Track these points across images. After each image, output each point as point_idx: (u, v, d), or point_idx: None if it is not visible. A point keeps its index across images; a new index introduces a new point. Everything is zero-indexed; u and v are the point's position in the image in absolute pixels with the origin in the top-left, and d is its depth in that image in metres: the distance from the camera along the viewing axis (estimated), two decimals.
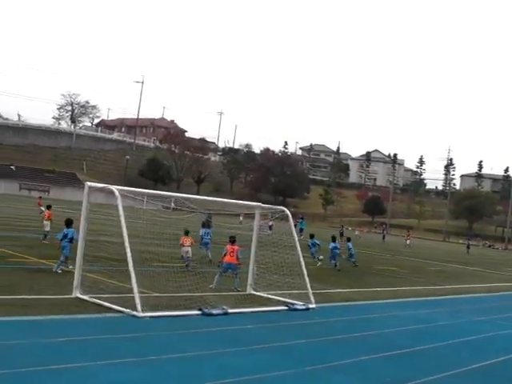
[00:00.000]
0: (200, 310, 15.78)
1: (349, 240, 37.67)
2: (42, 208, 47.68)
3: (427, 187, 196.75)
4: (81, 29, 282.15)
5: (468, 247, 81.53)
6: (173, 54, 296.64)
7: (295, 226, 25.59)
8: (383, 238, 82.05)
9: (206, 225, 36.79)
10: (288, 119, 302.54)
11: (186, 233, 25.69)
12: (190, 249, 24.80)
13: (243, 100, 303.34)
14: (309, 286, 19.20)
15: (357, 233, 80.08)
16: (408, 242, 76.87)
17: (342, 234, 67.88)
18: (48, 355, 10.64)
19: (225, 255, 20.36)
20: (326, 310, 18.91)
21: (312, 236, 35.12)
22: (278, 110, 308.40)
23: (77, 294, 16.02)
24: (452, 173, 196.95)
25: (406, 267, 40.44)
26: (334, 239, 33.25)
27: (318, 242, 34.34)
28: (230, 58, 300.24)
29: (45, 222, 29.87)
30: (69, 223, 21.05)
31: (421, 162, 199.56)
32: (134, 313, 14.41)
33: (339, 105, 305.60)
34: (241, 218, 47.59)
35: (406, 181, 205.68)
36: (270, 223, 29.07)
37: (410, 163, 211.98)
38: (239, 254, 20.34)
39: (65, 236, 20.63)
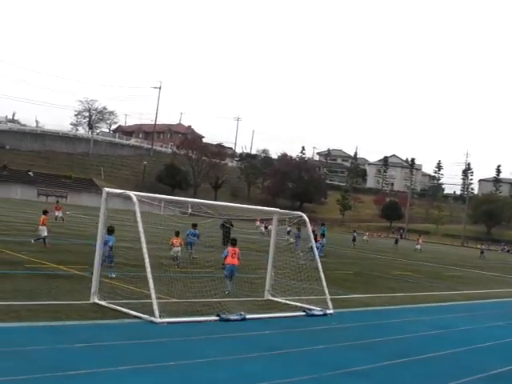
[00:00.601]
0: (218, 315, 15.76)
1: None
2: (57, 213, 47.95)
3: (445, 192, 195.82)
4: (98, 35, 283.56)
5: (482, 252, 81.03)
6: (190, 60, 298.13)
7: (313, 231, 25.50)
8: (396, 242, 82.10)
9: (225, 230, 36.91)
10: (305, 124, 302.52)
11: (177, 233, 26.25)
12: (179, 249, 25.50)
13: (260, 105, 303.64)
14: (326, 291, 19.13)
15: (365, 237, 79.80)
16: (418, 246, 76.91)
17: (354, 239, 68.02)
18: (67, 361, 10.66)
19: (226, 257, 20.15)
20: (344, 316, 18.85)
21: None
22: (295, 115, 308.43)
23: (95, 299, 16.05)
24: (470, 177, 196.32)
25: (422, 272, 40.29)
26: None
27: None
28: (247, 63, 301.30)
29: (40, 227, 29.26)
30: (110, 230, 21.18)
31: (438, 166, 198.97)
32: (152, 319, 14.41)
33: (356, 110, 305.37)
34: (258, 224, 47.61)
35: (423, 186, 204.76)
36: (288, 229, 29.12)
37: (428, 168, 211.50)
38: (239, 256, 20.25)
39: (105, 243, 20.28)
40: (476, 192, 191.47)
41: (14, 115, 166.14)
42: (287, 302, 19.38)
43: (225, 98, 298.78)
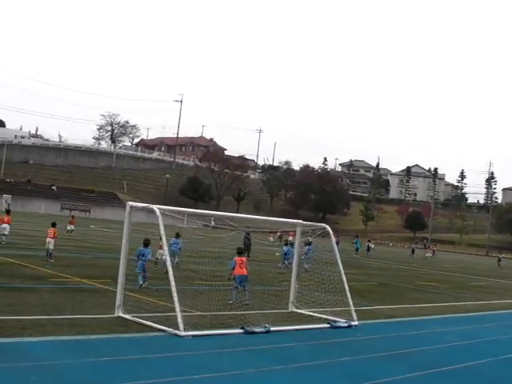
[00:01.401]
0: (242, 328, 15.72)
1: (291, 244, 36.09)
2: (69, 227, 47.93)
3: (469, 201, 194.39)
4: (120, 50, 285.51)
5: (499, 260, 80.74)
6: (211, 73, 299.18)
7: (337, 243, 25.39)
8: (412, 252, 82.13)
9: (246, 242, 36.92)
10: (327, 135, 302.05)
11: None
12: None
13: (282, 117, 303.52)
14: (351, 302, 19.03)
15: (371, 246, 78.79)
16: (427, 254, 78.96)
17: (368, 249, 67.88)
18: (92, 374, 10.69)
19: (234, 268, 20.05)
20: (369, 327, 18.74)
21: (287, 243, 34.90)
22: (316, 126, 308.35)
23: (119, 313, 16.06)
24: (494, 186, 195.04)
25: (447, 282, 40.03)
26: (286, 244, 33.39)
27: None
28: (269, 75, 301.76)
29: (49, 240, 28.39)
30: (146, 244, 21.93)
31: (462, 176, 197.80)
32: (177, 332, 14.38)
33: (378, 120, 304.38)
34: (270, 239, 47.44)
35: (446, 195, 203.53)
36: (310, 240, 29.01)
37: (451, 177, 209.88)
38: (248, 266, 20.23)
39: (142, 255, 21.44)
40: (500, 201, 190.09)
41: (37, 130, 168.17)
42: (311, 313, 19.29)
43: (246, 111, 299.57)
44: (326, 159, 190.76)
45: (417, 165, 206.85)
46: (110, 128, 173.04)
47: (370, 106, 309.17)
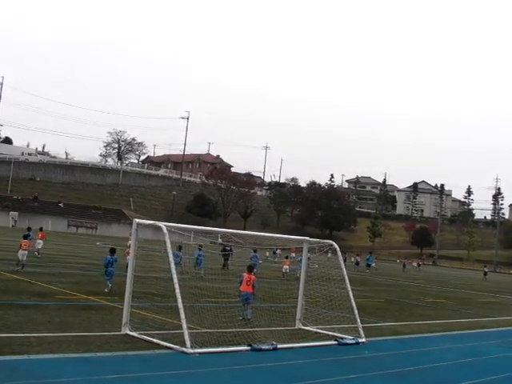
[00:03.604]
0: (249, 345, 15.67)
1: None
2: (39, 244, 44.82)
3: (476, 217, 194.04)
4: (125, 67, 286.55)
5: (485, 274, 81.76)
6: (217, 90, 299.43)
7: (344, 260, 25.30)
8: (404, 266, 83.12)
9: (225, 255, 37.06)
10: (333, 152, 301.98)
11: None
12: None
13: (288, 134, 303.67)
14: (358, 319, 18.97)
15: (352, 259, 77.94)
16: (413, 264, 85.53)
17: (357, 263, 68.00)
18: None
19: (241, 283, 20.18)
20: (377, 344, 18.65)
21: (200, 247, 34.76)
22: (323, 143, 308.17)
23: (126, 330, 16.03)
24: (501, 202, 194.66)
25: (455, 299, 39.90)
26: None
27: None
28: (273, 91, 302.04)
29: (23, 252, 29.14)
30: (113, 251, 25.37)
31: (468, 192, 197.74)
32: (184, 349, 14.35)
33: (384, 137, 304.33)
34: (267, 254, 47.26)
35: (453, 211, 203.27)
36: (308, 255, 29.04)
37: (458, 193, 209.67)
38: (256, 284, 20.19)
39: (110, 263, 24.64)
40: (507, 217, 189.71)
41: (44, 147, 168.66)
42: (319, 330, 19.21)
43: (253, 128, 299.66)
44: (332, 176, 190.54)
45: (423, 181, 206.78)
46: (116, 145, 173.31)
47: (375, 122, 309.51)
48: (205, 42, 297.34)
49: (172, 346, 14.69)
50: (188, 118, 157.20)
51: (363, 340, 18.40)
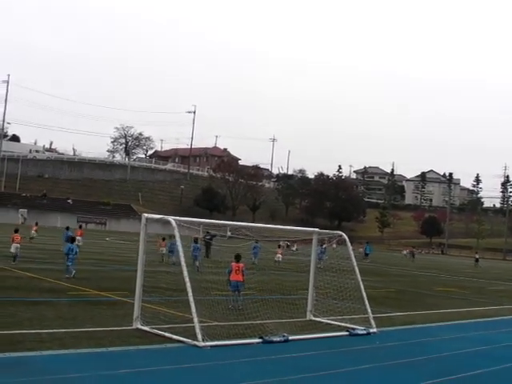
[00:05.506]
0: (261, 337, 15.65)
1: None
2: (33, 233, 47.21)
3: (484, 206, 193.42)
4: (132, 62, 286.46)
5: (476, 260, 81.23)
6: (223, 83, 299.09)
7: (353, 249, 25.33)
8: (412, 256, 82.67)
9: (207, 243, 37.43)
10: (340, 143, 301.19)
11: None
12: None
13: (295, 125, 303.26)
14: (369, 310, 18.94)
15: (360, 250, 77.93)
16: (404, 252, 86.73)
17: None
18: None
19: (230, 273, 20.44)
20: (388, 334, 18.62)
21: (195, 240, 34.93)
22: (330, 134, 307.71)
23: (137, 325, 16.04)
24: (509, 190, 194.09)
25: (465, 288, 39.81)
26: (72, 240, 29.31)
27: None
28: (279, 82, 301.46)
29: (16, 245, 30.41)
30: (73, 240, 28.52)
31: (477, 180, 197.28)
32: (195, 342, 14.34)
33: (392, 126, 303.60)
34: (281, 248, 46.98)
35: (462, 200, 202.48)
36: (324, 246, 29.00)
37: (466, 182, 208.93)
38: (244, 272, 20.52)
39: (72, 250, 26.52)
40: None
41: (51, 144, 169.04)
42: (330, 321, 19.18)
43: (259, 120, 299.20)
44: (340, 167, 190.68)
45: (432, 170, 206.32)
46: (123, 140, 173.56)
47: (383, 111, 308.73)
48: (207, 35, 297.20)
49: (183, 339, 14.68)
50: (195, 112, 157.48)
51: (374, 330, 18.36)
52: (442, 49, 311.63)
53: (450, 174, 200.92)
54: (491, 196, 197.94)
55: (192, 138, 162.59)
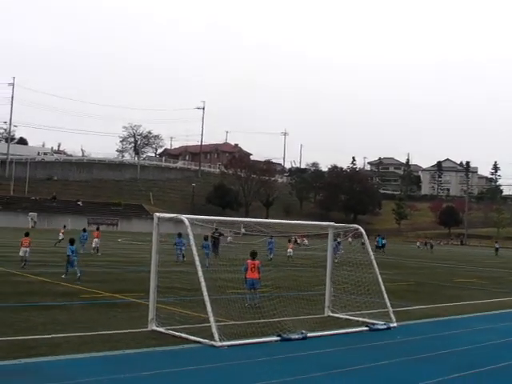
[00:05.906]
0: (279, 335, 15.40)
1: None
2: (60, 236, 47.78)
3: (503, 194, 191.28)
4: (139, 59, 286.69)
5: (497, 250, 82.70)
6: (232, 78, 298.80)
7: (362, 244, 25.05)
8: (431, 247, 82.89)
9: (214, 240, 37.24)
10: (354, 135, 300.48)
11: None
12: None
13: (307, 118, 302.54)
14: (389, 304, 18.66)
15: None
16: (418, 243, 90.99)
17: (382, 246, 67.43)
18: None
19: (246, 271, 20.35)
20: (409, 328, 18.36)
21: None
22: (342, 126, 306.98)
23: (153, 326, 15.82)
24: None
25: (486, 278, 39.44)
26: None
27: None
28: (289, 75, 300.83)
29: (25, 249, 30.03)
30: (72, 242, 26.88)
31: (495, 168, 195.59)
32: (212, 342, 14.12)
33: (406, 115, 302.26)
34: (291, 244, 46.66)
35: (480, 189, 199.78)
36: (338, 240, 28.74)
37: (484, 170, 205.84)
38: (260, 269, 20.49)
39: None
40: None
41: (59, 146, 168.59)
42: (348, 317, 18.91)
43: (270, 114, 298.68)
44: (354, 159, 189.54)
45: (448, 159, 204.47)
46: (132, 140, 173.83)
47: (396, 100, 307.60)
48: (215, 28, 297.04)
49: (200, 339, 14.46)
50: (204, 108, 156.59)
51: (394, 325, 18.08)
52: (453, 35, 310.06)
53: (467, 163, 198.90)
54: (510, 184, 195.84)
55: (202, 135, 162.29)
